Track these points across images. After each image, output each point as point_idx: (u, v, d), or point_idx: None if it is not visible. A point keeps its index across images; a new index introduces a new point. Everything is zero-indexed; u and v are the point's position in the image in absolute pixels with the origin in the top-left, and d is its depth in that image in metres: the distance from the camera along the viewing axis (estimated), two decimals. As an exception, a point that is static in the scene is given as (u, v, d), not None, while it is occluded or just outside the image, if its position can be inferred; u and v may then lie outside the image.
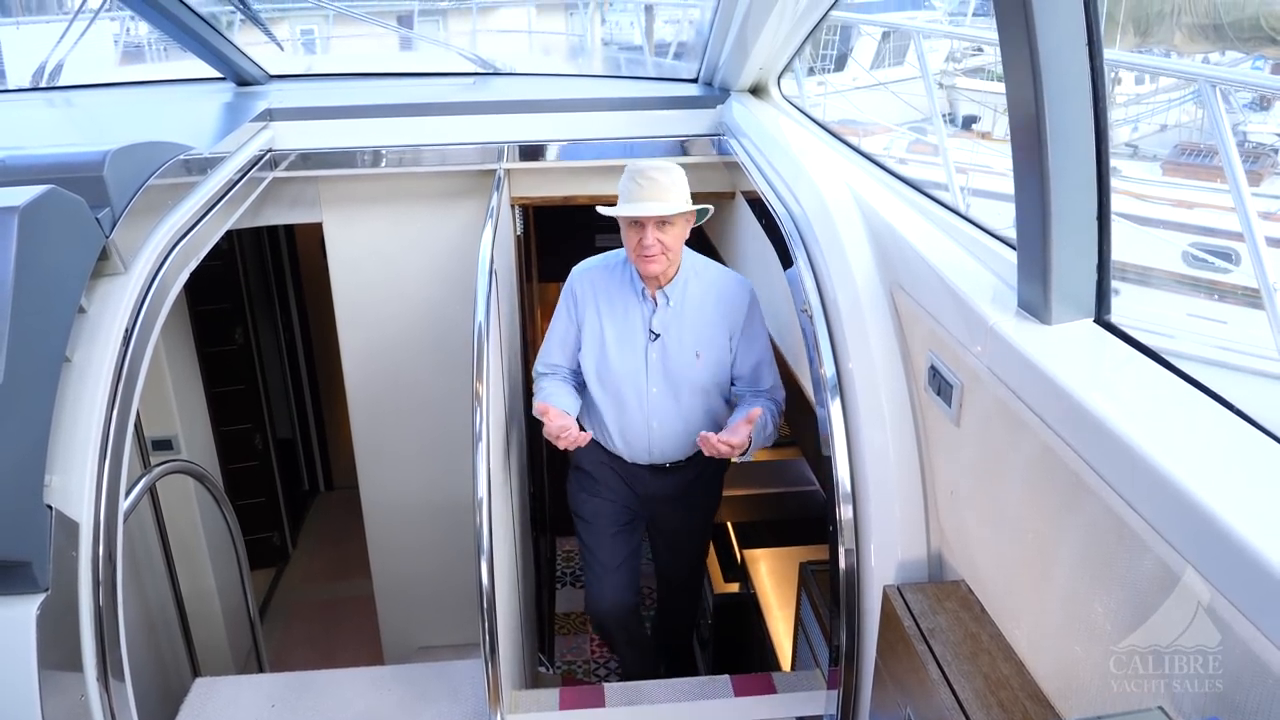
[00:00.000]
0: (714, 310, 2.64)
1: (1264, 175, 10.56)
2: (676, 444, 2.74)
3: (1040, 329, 1.53)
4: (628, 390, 2.68)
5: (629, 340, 2.65)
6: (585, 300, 2.71)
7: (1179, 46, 12.75)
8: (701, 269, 2.69)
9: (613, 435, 2.76)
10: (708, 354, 2.64)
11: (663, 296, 2.63)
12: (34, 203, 1.69)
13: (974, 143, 10.07)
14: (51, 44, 3.46)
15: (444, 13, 9.77)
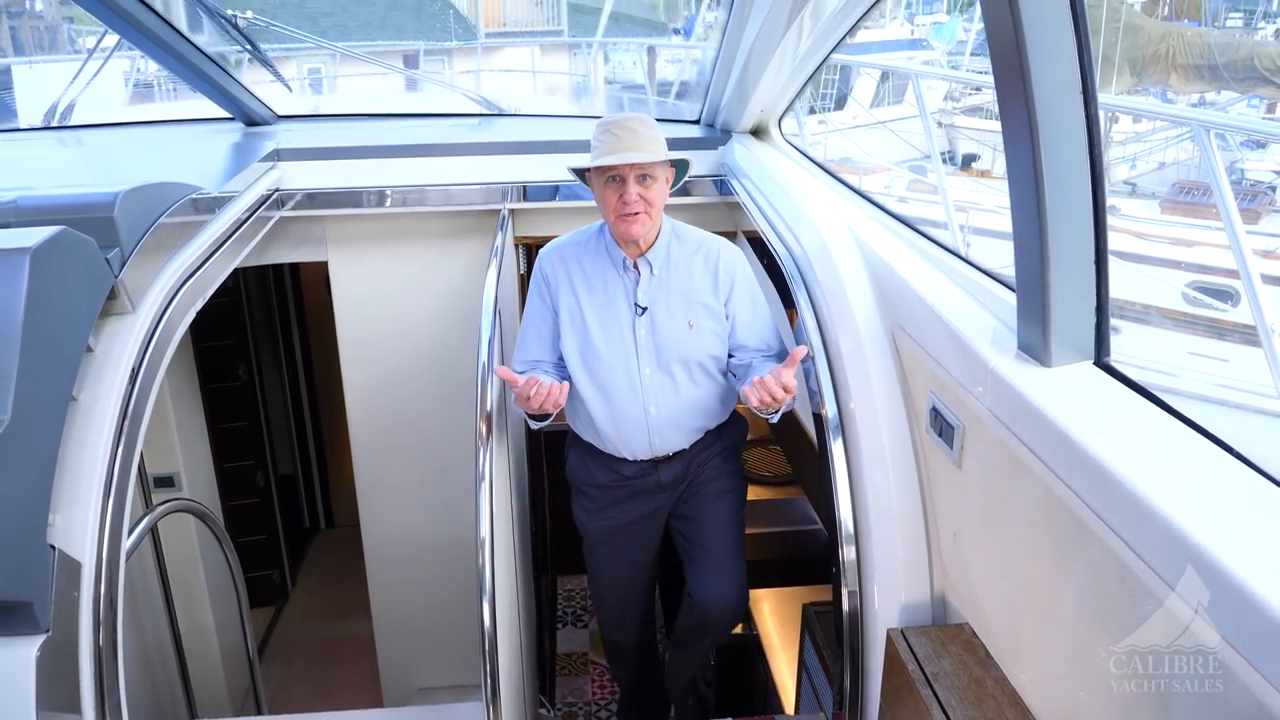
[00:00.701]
0: (703, 273, 2.40)
1: (1262, 213, 10.63)
2: (678, 430, 2.47)
3: (1040, 371, 1.54)
4: (618, 375, 2.40)
5: (613, 318, 2.40)
6: (558, 280, 2.46)
7: (1174, 87, 12.89)
8: (683, 231, 2.46)
9: (607, 432, 2.48)
10: (702, 323, 2.39)
11: (645, 264, 2.39)
12: (46, 244, 1.71)
13: (973, 181, 10.15)
14: (62, 83, 3.52)
15: (449, 52, 9.90)
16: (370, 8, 9.78)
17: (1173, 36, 12.58)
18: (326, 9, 9.03)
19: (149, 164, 3.11)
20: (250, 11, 3.11)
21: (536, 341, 2.50)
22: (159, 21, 2.77)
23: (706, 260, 2.41)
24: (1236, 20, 17.97)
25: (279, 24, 3.35)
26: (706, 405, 2.47)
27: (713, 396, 2.48)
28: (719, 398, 2.50)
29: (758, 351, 2.43)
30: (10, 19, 11.70)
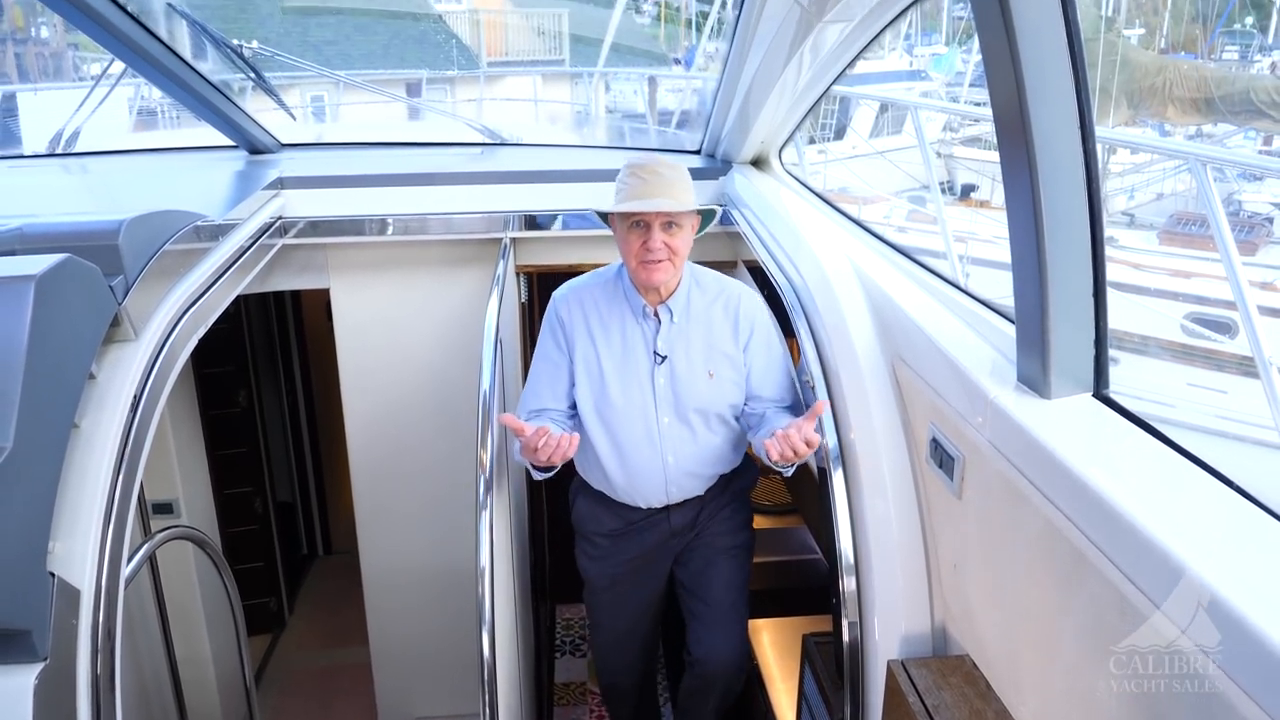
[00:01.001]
0: (723, 321, 2.37)
1: (1259, 244, 10.69)
2: (694, 478, 2.44)
3: (1040, 403, 1.55)
4: (635, 425, 2.35)
5: (631, 367, 2.35)
6: (574, 326, 2.38)
7: (1172, 119, 13.00)
8: (702, 277, 2.43)
9: (619, 482, 2.42)
10: (721, 372, 2.35)
11: (665, 311, 2.34)
12: (50, 271, 1.72)
13: (972, 211, 10.21)
14: (66, 109, 3.54)
15: (452, 80, 9.99)
16: (374, 36, 9.88)
17: (1169, 70, 12.70)
18: (330, 37, 9.12)
19: (153, 192, 3.13)
20: (256, 41, 3.14)
21: (549, 389, 2.42)
22: (164, 50, 2.79)
23: (726, 308, 2.38)
24: (1232, 53, 18.16)
25: (284, 54, 3.39)
26: (723, 453, 2.45)
27: (728, 444, 2.45)
28: (734, 444, 2.47)
29: (772, 402, 2.40)
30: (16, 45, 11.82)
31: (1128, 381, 8.40)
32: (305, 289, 3.54)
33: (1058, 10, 1.39)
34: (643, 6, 16.73)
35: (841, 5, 1.90)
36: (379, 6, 9.62)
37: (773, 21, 2.27)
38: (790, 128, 2.96)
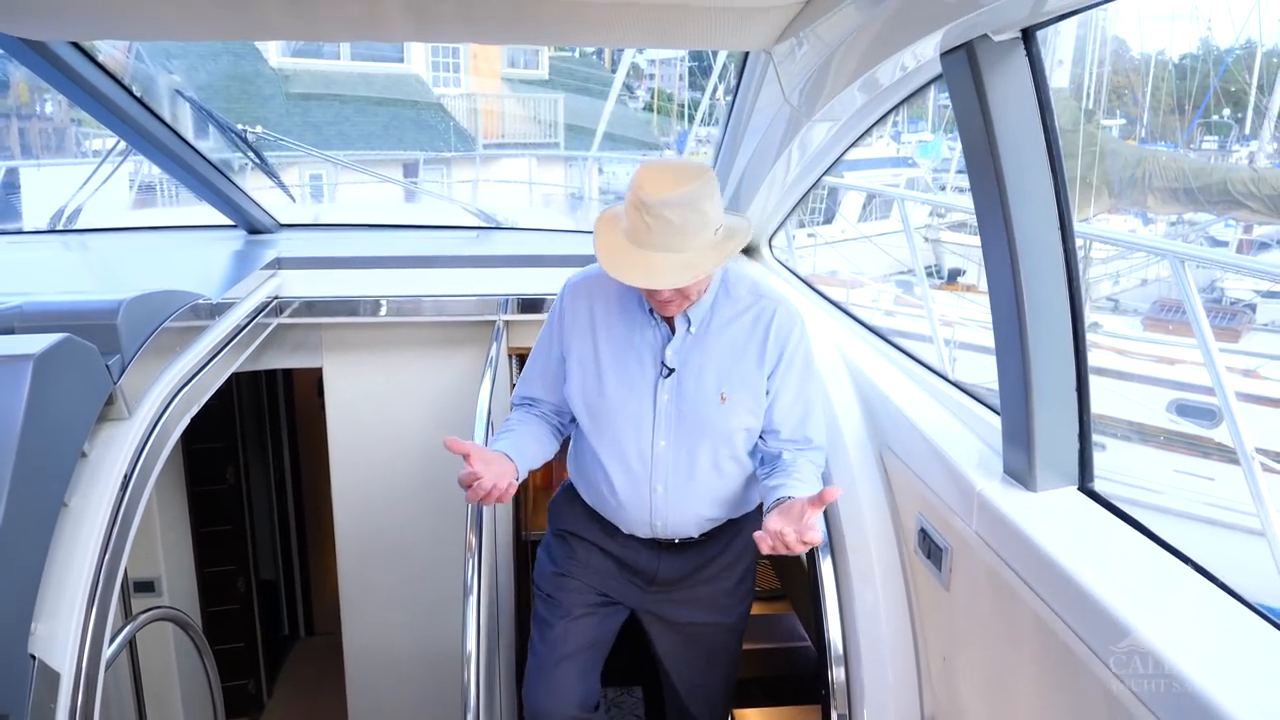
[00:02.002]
0: (749, 338, 1.98)
1: (1241, 331, 10.84)
2: (688, 517, 2.06)
3: (1026, 496, 1.57)
4: (626, 440, 2.02)
5: (633, 373, 2.01)
6: (576, 315, 2.08)
7: (1151, 208, 13.31)
8: (735, 284, 2.03)
9: (608, 499, 2.09)
10: (737, 396, 1.97)
11: (683, 320, 1.98)
12: (48, 351, 1.73)
13: (958, 297, 10.36)
14: (66, 185, 3.59)
15: (448, 161, 10.18)
16: (373, 117, 10.11)
17: (1148, 161, 13.05)
18: (330, 118, 9.33)
19: (153, 270, 3.16)
20: (260, 127, 3.22)
21: (540, 381, 2.18)
22: (167, 132, 2.86)
23: (756, 323, 1.99)
24: (1212, 144, 18.67)
25: (286, 139, 3.46)
26: (725, 496, 2.07)
27: (735, 486, 2.08)
28: (741, 486, 2.09)
29: (792, 443, 2.03)
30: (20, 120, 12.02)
31: (1115, 467, 8.43)
32: (298, 368, 3.56)
33: (1035, 117, 1.46)
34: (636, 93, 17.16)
35: (829, 106, 1.97)
36: (381, 94, 9.87)
37: (763, 119, 2.35)
38: (780, 218, 3.03)
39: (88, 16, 1.92)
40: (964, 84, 1.45)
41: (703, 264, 1.78)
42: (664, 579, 2.15)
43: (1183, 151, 17.15)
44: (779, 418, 2.02)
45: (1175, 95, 18.30)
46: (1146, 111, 18.34)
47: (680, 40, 2.05)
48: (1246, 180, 12.45)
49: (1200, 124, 18.46)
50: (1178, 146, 17.67)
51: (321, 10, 1.84)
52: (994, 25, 1.37)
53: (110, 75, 2.53)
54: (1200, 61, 18.30)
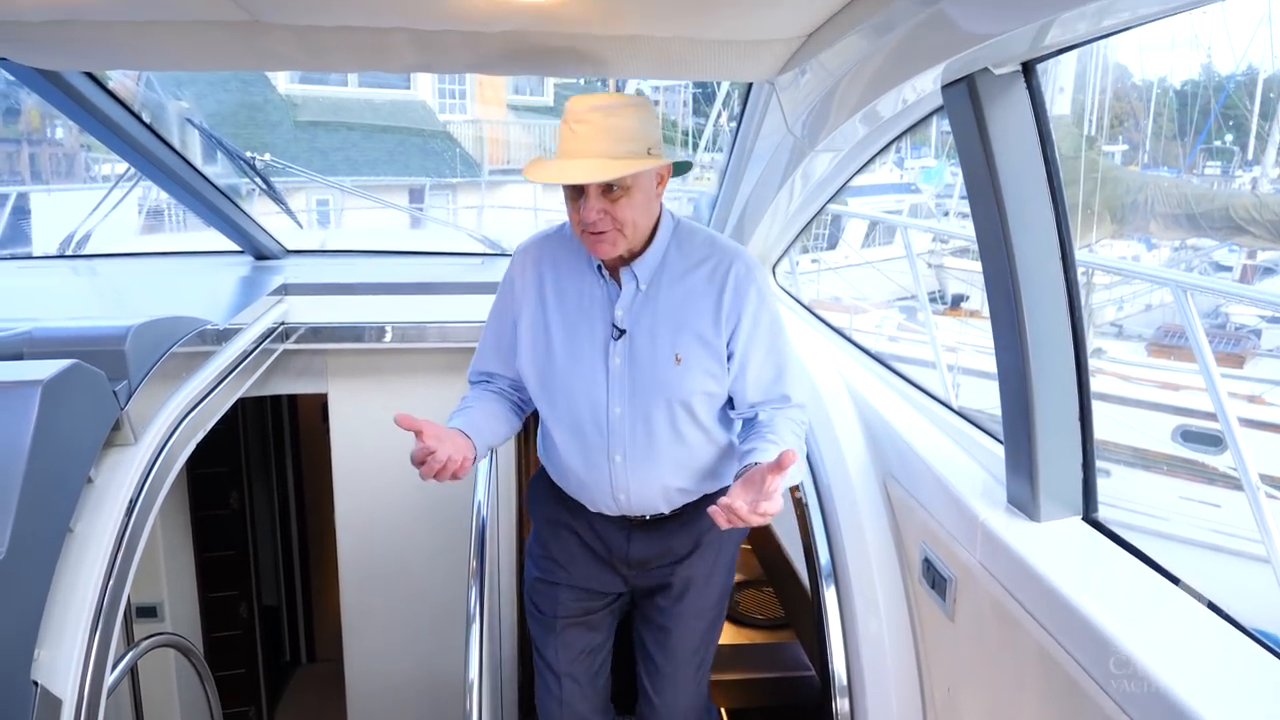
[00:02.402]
0: (704, 294, 1.84)
1: (1246, 357, 10.83)
2: (652, 489, 1.93)
3: (1030, 526, 1.57)
4: (581, 409, 1.90)
5: (582, 337, 1.89)
6: (526, 280, 1.96)
7: (1154, 234, 13.35)
8: (689, 236, 1.90)
9: (572, 472, 1.98)
10: (693, 357, 1.84)
11: (629, 277, 1.86)
12: (57, 377, 1.74)
13: (961, 322, 10.37)
14: (75, 210, 3.62)
15: (454, 187, 10.24)
16: (379, 143, 10.18)
17: (1150, 187, 13.10)
18: (338, 144, 9.40)
19: (161, 296, 3.18)
20: (269, 155, 3.25)
21: (494, 353, 2.07)
22: (177, 159, 2.89)
23: (712, 277, 1.85)
24: (1214, 169, 18.72)
25: (295, 166, 3.50)
26: (690, 464, 1.93)
27: (701, 454, 1.94)
28: (711, 456, 1.96)
29: (768, 404, 1.90)
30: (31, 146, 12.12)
31: (1120, 494, 8.40)
32: (303, 393, 3.57)
33: (1036, 148, 1.47)
34: (641, 119, 17.14)
35: (832, 137, 1.99)
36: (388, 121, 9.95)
37: (766, 148, 2.37)
38: (784, 246, 3.05)
39: (101, 48, 1.95)
40: (965, 116, 1.46)
41: (623, 166, 1.68)
42: (637, 559, 2.03)
43: (1185, 177, 17.20)
44: (751, 382, 1.88)
45: (1177, 121, 18.38)
46: (1149, 137, 18.41)
47: (684, 72, 2.07)
48: (1248, 206, 12.49)
49: (1203, 149, 18.52)
50: (1180, 172, 17.72)
51: (329, 42, 1.87)
52: (994, 59, 1.39)
53: (120, 102, 2.56)
54: (1201, 87, 18.39)
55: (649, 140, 1.74)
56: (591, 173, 1.68)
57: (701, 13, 1.62)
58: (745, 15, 1.63)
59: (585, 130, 1.69)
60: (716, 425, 1.94)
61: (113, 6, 1.66)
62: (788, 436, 1.82)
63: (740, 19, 1.65)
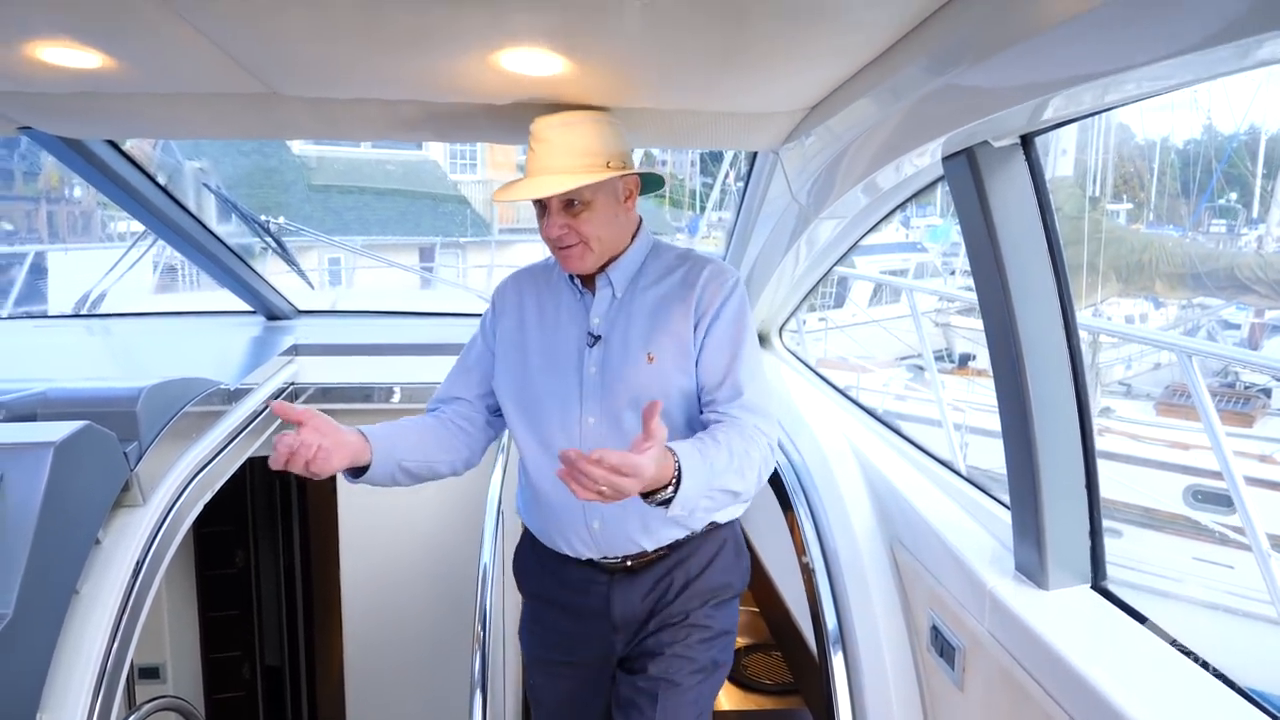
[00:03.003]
0: (678, 294, 1.81)
1: (1256, 417, 10.76)
2: (630, 514, 1.79)
3: (1039, 594, 1.56)
4: (553, 420, 1.82)
5: (560, 349, 1.85)
6: (505, 307, 1.95)
7: (1160, 294, 13.38)
8: (665, 249, 1.90)
9: (544, 508, 1.88)
10: (665, 353, 1.77)
11: (605, 283, 1.84)
12: (69, 438, 1.76)
13: (968, 381, 10.37)
14: (91, 268, 3.69)
15: (463, 246, 10.35)
16: (391, 203, 10.33)
17: (1154, 247, 13.16)
18: (350, 204, 9.54)
19: (173, 356, 3.21)
20: (283, 218, 3.32)
21: (461, 377, 1.98)
22: (192, 221, 2.94)
23: (686, 278, 1.83)
24: (1220, 227, 18.82)
25: (308, 229, 3.55)
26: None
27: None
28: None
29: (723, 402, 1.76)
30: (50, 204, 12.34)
31: (1132, 555, 8.31)
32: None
33: (1036, 218, 1.50)
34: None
35: (836, 204, 2.03)
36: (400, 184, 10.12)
37: (772, 213, 2.41)
38: (790, 309, 3.07)
39: (124, 118, 2.01)
40: (966, 187, 1.49)
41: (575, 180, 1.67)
42: (622, 618, 1.88)
43: (1190, 235, 17.29)
44: (706, 366, 1.78)
45: (1180, 180, 18.54)
46: (1153, 196, 18.56)
47: (690, 141, 2.12)
48: (1253, 265, 12.53)
49: (1207, 208, 18.65)
50: (1186, 230, 17.82)
51: (342, 113, 1.92)
52: (994, 133, 1.42)
53: (138, 167, 2.62)
54: (1204, 147, 18.58)
55: (608, 154, 1.73)
56: (545, 187, 1.68)
57: (708, 88, 1.67)
58: (750, 90, 1.67)
59: (544, 148, 1.72)
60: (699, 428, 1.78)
61: (136, 80, 1.71)
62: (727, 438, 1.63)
63: (745, 94, 1.70)
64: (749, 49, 1.43)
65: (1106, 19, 0.95)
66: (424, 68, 1.59)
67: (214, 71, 1.63)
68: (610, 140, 1.74)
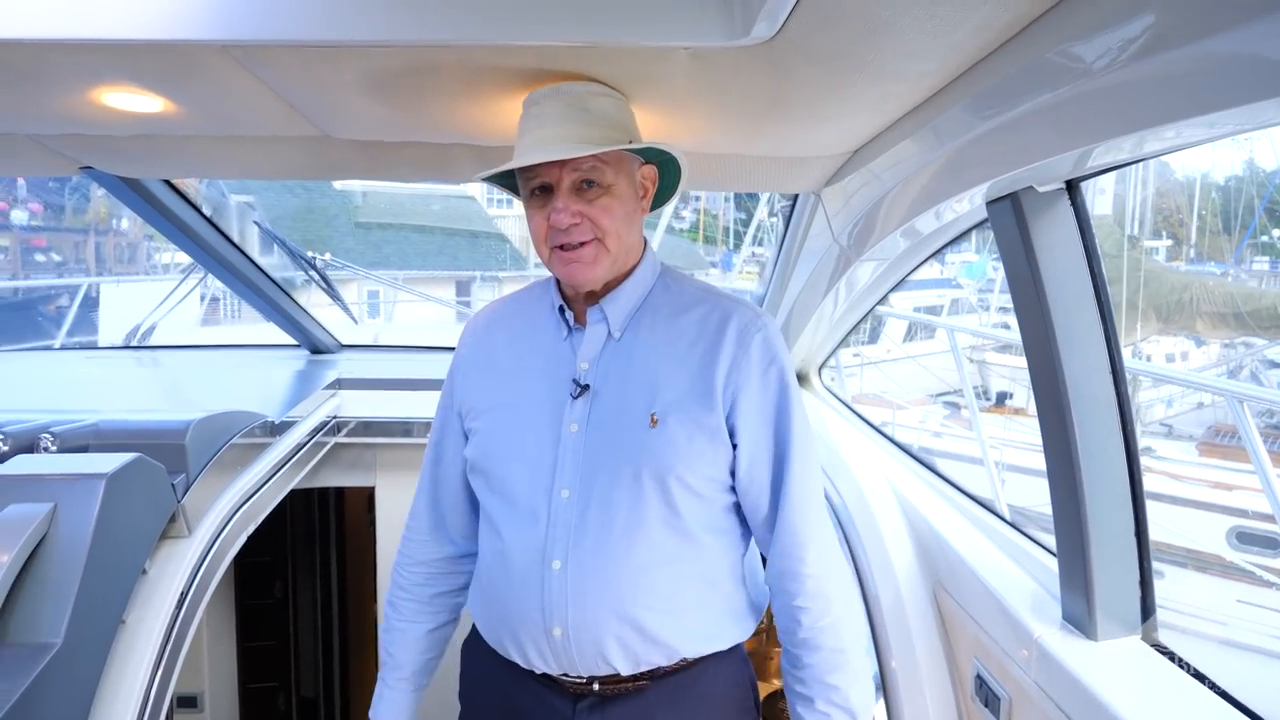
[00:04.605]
0: (693, 343, 1.40)
1: (1304, 458, 10.50)
2: (601, 619, 1.35)
3: (1087, 645, 1.53)
4: (518, 490, 1.41)
5: (533, 398, 1.44)
6: (474, 354, 1.56)
7: (1201, 333, 13.19)
8: (676, 279, 1.50)
9: (492, 593, 1.45)
10: (674, 416, 1.36)
11: (597, 317, 1.44)
12: (121, 470, 1.80)
13: (1006, 420, 10.24)
14: (140, 300, 3.77)
15: (500, 280, 10.47)
16: (430, 237, 10.48)
17: (1195, 286, 13.00)
18: (391, 238, 9.71)
19: (220, 389, 3.27)
20: (329, 254, 3.38)
21: (429, 485, 1.63)
22: (241, 257, 3.01)
23: (705, 323, 1.42)
24: (1263, 264, 18.52)
25: (353, 265, 3.61)
26: (663, 587, 1.36)
27: (682, 574, 1.38)
28: (700, 585, 1.40)
29: (769, 538, 1.42)
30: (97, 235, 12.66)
31: (1174, 597, 8.14)
32: (351, 486, 3.62)
33: (1082, 262, 1.49)
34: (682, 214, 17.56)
35: (877, 247, 2.03)
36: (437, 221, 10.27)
37: (813, 255, 2.41)
38: (829, 349, 3.07)
39: (181, 159, 2.07)
40: (1010, 232, 1.49)
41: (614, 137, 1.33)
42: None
43: (1233, 273, 17.04)
44: (744, 481, 1.40)
45: (1222, 216, 18.32)
46: (1194, 233, 18.35)
47: (732, 185, 2.14)
48: (1296, 304, 12.34)
49: (1250, 244, 18.39)
50: (1228, 267, 17.57)
51: (392, 155, 1.96)
52: (1038, 178, 1.42)
53: (190, 203, 2.69)
54: (1245, 183, 18.36)
55: (629, 131, 1.37)
56: (559, 147, 1.29)
57: (753, 135, 1.69)
58: (792, 136, 1.69)
59: (548, 109, 1.32)
60: (711, 534, 1.41)
61: (195, 123, 1.76)
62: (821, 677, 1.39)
63: (788, 139, 1.72)
64: (792, 97, 1.44)
65: (1152, 72, 0.95)
66: (473, 112, 1.62)
67: (270, 116, 1.68)
68: (629, 119, 1.39)
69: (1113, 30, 0.96)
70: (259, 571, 4.17)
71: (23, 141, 1.92)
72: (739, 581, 1.47)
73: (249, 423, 2.42)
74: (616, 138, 1.33)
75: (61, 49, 1.30)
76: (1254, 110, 0.89)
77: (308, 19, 1.21)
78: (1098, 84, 1.03)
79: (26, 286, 11.87)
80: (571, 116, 1.31)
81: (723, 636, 1.45)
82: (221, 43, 1.26)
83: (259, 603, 4.15)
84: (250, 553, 3.95)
